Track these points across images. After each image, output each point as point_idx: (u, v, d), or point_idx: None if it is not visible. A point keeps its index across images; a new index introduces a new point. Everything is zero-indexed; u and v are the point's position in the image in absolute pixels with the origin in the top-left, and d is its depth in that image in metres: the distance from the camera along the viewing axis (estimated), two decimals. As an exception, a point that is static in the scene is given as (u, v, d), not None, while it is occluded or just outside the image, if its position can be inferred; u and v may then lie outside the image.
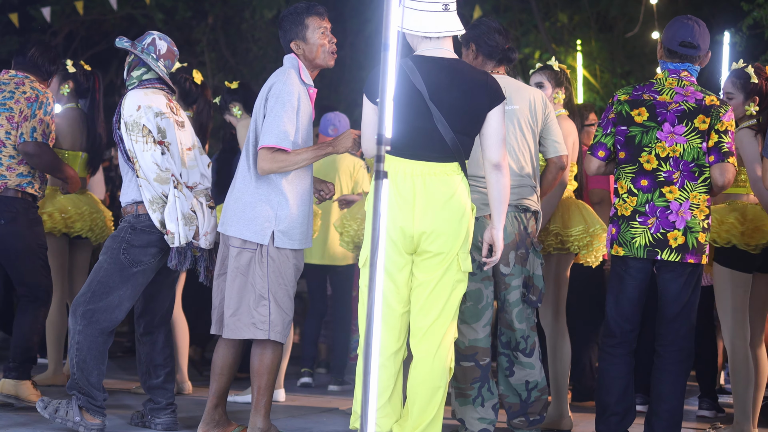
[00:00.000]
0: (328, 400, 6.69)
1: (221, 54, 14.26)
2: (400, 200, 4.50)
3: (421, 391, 4.55)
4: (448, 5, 4.52)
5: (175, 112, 5.28)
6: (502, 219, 4.64)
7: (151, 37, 5.32)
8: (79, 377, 5.09)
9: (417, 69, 4.50)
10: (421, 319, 4.57)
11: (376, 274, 4.03)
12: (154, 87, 5.28)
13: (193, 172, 5.28)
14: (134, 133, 5.11)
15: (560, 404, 5.78)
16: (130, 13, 13.30)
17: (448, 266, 4.54)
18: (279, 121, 4.77)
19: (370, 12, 12.29)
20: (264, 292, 4.84)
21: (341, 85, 13.61)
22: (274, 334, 4.86)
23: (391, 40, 4.03)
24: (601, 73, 11.86)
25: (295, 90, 4.83)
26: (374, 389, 3.95)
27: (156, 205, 5.09)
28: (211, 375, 5.06)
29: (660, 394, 4.90)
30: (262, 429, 4.91)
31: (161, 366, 5.39)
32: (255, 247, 4.85)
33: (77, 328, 5.09)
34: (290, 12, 4.97)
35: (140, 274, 5.16)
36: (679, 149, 4.83)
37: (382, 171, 4.08)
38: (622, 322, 4.92)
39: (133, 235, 5.14)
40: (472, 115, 4.54)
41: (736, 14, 9.56)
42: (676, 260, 4.82)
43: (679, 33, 4.93)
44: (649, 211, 4.84)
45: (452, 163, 4.55)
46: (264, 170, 4.81)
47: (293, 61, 4.95)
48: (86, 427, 5.08)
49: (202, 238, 5.18)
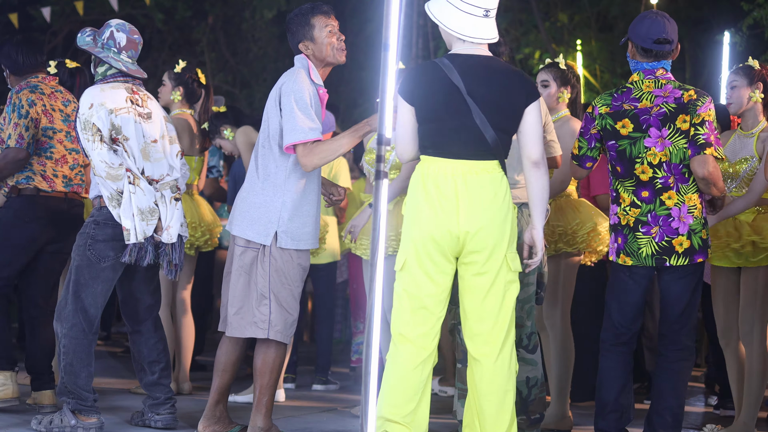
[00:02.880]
0: (328, 400, 6.69)
1: (221, 54, 14.26)
2: (443, 201, 4.45)
3: (491, 398, 4.48)
4: (489, 12, 4.50)
5: (140, 104, 5.24)
6: (542, 218, 4.60)
7: (110, 30, 5.27)
8: (67, 381, 5.09)
9: (453, 66, 4.49)
10: (478, 324, 4.51)
11: (376, 274, 4.04)
12: (116, 81, 5.23)
13: (159, 165, 5.24)
14: (86, 131, 5.10)
15: (561, 404, 5.78)
16: (130, 13, 13.31)
17: (499, 268, 4.49)
18: (299, 114, 4.78)
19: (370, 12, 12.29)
20: (265, 292, 4.86)
21: (341, 85, 13.61)
22: (273, 333, 4.87)
23: (391, 40, 4.03)
24: (601, 73, 11.87)
25: (306, 87, 4.85)
26: (374, 389, 3.95)
27: (114, 201, 5.08)
28: (213, 372, 5.07)
29: (661, 392, 4.90)
30: (262, 428, 4.91)
31: (155, 362, 5.37)
32: (258, 247, 4.87)
33: (63, 331, 5.11)
34: (296, 14, 4.99)
35: (109, 270, 5.15)
36: (668, 152, 4.82)
37: (382, 171, 4.08)
38: (626, 325, 4.93)
39: (97, 230, 5.13)
40: (509, 111, 4.51)
41: (736, 14, 9.56)
42: (685, 264, 4.82)
43: (651, 30, 4.88)
44: (652, 221, 4.83)
45: (493, 161, 4.50)
46: (312, 165, 4.80)
47: (303, 61, 4.96)
48: (84, 427, 5.08)
49: (165, 232, 5.16)
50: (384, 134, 4.10)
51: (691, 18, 11.50)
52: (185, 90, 6.54)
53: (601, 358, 4.98)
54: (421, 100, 4.52)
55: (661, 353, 4.94)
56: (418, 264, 4.47)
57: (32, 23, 12.75)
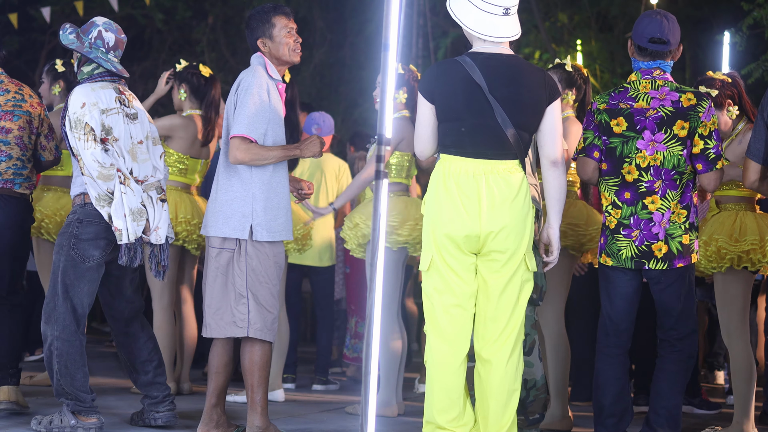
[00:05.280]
0: (328, 401, 6.69)
1: (221, 54, 14.26)
2: (465, 200, 4.44)
3: (498, 396, 4.48)
4: (509, 9, 4.49)
5: (127, 105, 5.22)
6: (559, 217, 4.61)
7: (97, 29, 5.24)
8: (64, 383, 5.07)
9: (475, 64, 4.48)
10: (491, 324, 4.51)
11: (376, 274, 4.04)
12: (104, 80, 5.20)
13: (145, 166, 5.22)
14: (77, 130, 5.06)
15: (561, 404, 5.78)
16: (130, 13, 13.31)
17: (517, 267, 4.49)
18: (249, 111, 4.87)
19: (370, 12, 12.30)
20: (243, 291, 4.90)
21: (341, 85, 13.61)
22: (253, 332, 4.90)
23: (391, 40, 4.04)
24: (601, 73, 11.87)
25: (264, 83, 4.94)
26: (374, 389, 3.95)
27: (103, 201, 5.05)
28: (208, 374, 5.07)
29: (659, 392, 4.90)
30: (260, 427, 4.91)
31: (147, 361, 5.35)
32: (234, 247, 4.91)
33: (54, 334, 5.06)
34: (257, 11, 5.10)
35: (94, 269, 5.11)
36: (660, 157, 4.79)
37: (382, 171, 4.09)
38: (617, 320, 4.91)
39: (81, 229, 5.09)
40: (531, 110, 4.50)
41: (736, 14, 9.55)
42: (663, 268, 4.81)
43: (648, 29, 4.87)
44: (633, 224, 4.82)
45: (513, 161, 4.50)
46: (237, 159, 4.88)
47: (260, 59, 5.06)
48: (84, 427, 5.07)
49: (153, 233, 5.14)
50: (384, 134, 4.11)
51: (691, 18, 11.49)
52: (189, 87, 6.52)
53: (597, 361, 4.97)
54: (441, 98, 4.51)
55: (660, 355, 4.94)
56: (444, 262, 4.48)
57: (32, 23, 12.75)
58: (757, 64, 8.36)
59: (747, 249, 5.39)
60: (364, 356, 3.95)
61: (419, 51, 12.09)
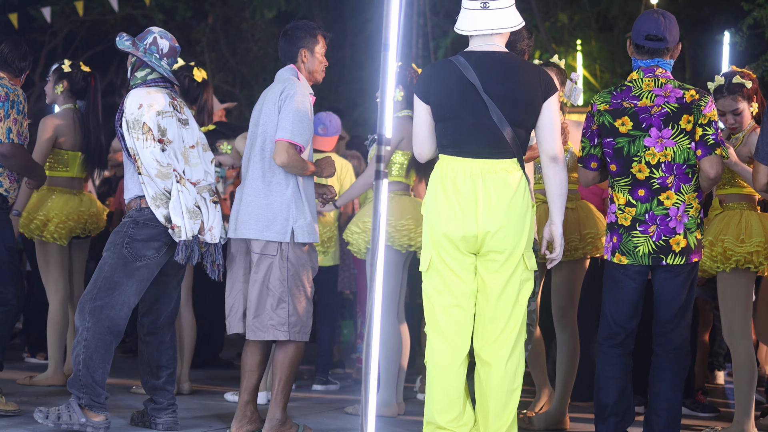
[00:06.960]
0: (328, 400, 6.69)
1: (221, 54, 14.27)
2: (462, 200, 4.46)
3: (497, 396, 4.49)
4: (487, 3, 4.51)
5: (179, 110, 5.32)
6: (561, 213, 4.60)
7: (153, 36, 5.34)
8: (84, 374, 5.08)
9: (469, 64, 4.50)
10: (491, 324, 4.52)
11: (376, 274, 4.04)
12: (158, 86, 5.31)
13: (196, 170, 5.31)
14: (135, 130, 5.15)
15: (562, 404, 5.78)
16: (130, 13, 13.31)
17: (516, 267, 4.50)
18: (297, 117, 5.00)
19: (370, 12, 12.31)
20: (284, 296, 5.03)
21: (341, 85, 13.62)
22: (293, 335, 5.06)
23: (391, 40, 4.04)
24: (601, 73, 11.88)
25: (307, 93, 5.11)
26: (374, 389, 3.95)
27: (159, 201, 5.13)
28: (241, 373, 5.17)
29: (658, 392, 4.90)
30: (280, 420, 5.07)
31: (164, 367, 5.39)
32: (275, 253, 5.02)
33: (86, 325, 5.09)
34: (305, 24, 5.27)
35: (144, 269, 5.17)
36: (670, 153, 4.80)
37: (382, 171, 4.09)
38: (621, 323, 4.91)
39: (136, 230, 5.16)
40: (527, 107, 4.51)
41: (736, 14, 9.56)
42: (681, 263, 4.81)
43: (644, 27, 4.87)
44: (649, 220, 4.82)
45: (511, 159, 4.51)
46: (283, 162, 4.98)
47: (293, 71, 5.19)
48: (94, 426, 5.07)
49: (208, 233, 5.21)
50: (384, 134, 4.11)
51: (691, 18, 11.51)
52: (179, 89, 6.48)
53: (599, 361, 4.97)
54: (436, 99, 4.52)
55: (656, 353, 4.94)
56: (443, 263, 4.48)
57: (32, 23, 12.76)
58: (757, 64, 8.36)
59: (752, 251, 5.39)
60: (364, 356, 3.95)
61: (419, 51, 12.10)
